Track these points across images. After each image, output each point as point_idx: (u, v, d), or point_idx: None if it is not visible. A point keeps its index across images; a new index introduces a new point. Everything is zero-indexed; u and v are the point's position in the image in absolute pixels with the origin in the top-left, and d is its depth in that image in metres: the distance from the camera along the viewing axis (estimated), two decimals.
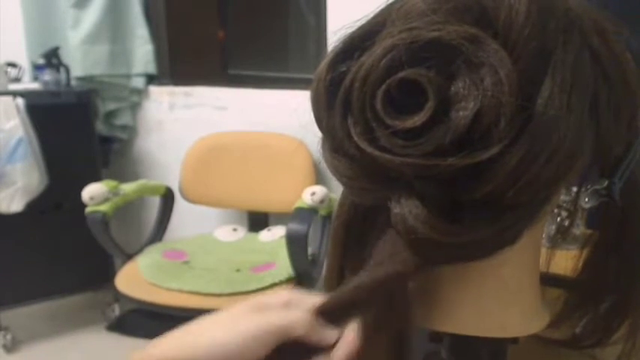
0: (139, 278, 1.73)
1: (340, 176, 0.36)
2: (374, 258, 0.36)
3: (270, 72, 2.26)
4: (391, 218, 0.34)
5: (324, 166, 0.38)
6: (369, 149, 0.33)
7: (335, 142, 0.35)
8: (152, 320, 2.21)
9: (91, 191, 1.77)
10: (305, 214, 1.64)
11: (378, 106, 0.32)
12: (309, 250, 1.66)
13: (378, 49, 0.33)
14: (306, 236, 1.59)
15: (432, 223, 0.32)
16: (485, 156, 0.31)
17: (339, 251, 0.45)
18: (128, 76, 2.36)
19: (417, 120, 0.31)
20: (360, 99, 0.33)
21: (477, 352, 0.43)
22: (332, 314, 0.37)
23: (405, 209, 0.33)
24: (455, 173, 0.31)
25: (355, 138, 0.33)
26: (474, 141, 0.31)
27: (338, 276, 0.45)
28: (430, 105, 0.31)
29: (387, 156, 0.32)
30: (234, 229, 2.10)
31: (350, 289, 0.36)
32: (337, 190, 0.44)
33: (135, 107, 2.42)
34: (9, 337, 2.14)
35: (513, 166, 0.31)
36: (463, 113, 0.31)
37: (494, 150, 0.31)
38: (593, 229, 0.45)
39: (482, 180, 0.32)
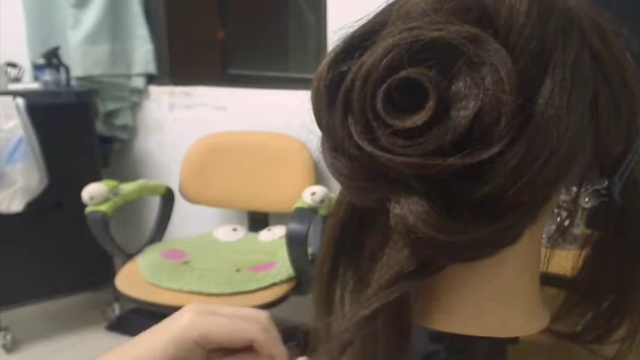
0: (139, 278, 1.74)
1: (339, 176, 0.36)
2: (377, 270, 0.37)
3: (270, 72, 2.26)
4: (391, 220, 0.34)
5: (324, 165, 0.38)
6: (370, 149, 0.33)
7: (335, 142, 0.35)
8: (152, 320, 2.20)
9: (91, 191, 1.77)
10: (305, 214, 1.64)
11: (379, 105, 0.32)
12: (309, 250, 1.66)
13: (378, 49, 0.33)
14: (306, 236, 1.59)
15: (433, 221, 0.32)
16: (485, 155, 0.31)
17: (332, 250, 0.45)
18: (128, 76, 2.36)
19: (417, 119, 0.31)
20: (361, 98, 0.33)
21: (477, 352, 0.43)
22: None
23: (405, 208, 0.33)
24: (455, 173, 0.31)
25: (355, 137, 0.33)
26: (475, 140, 0.31)
27: (329, 272, 0.45)
28: (431, 104, 0.31)
29: (388, 155, 0.32)
30: (234, 229, 2.10)
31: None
32: (337, 190, 0.44)
33: (135, 107, 2.42)
34: (9, 337, 2.15)
35: (513, 166, 0.31)
36: (464, 112, 0.31)
37: (494, 149, 0.31)
38: (593, 229, 0.45)
39: (483, 180, 0.32)
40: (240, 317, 0.43)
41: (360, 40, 0.35)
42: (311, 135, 0.38)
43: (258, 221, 2.15)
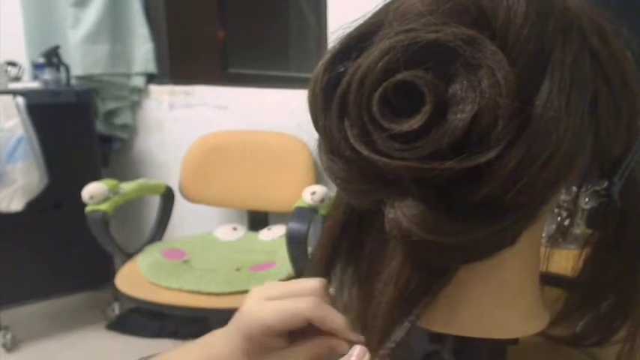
0: (138, 278, 1.74)
1: (336, 178, 0.36)
2: (380, 275, 0.37)
3: (270, 71, 2.26)
4: (385, 225, 0.34)
5: None
6: (366, 152, 0.32)
7: (331, 144, 0.35)
8: (152, 319, 2.22)
9: (91, 190, 1.77)
10: (305, 213, 1.63)
11: (375, 109, 0.32)
12: (309, 250, 1.65)
13: (375, 51, 0.32)
14: (306, 235, 1.59)
15: (428, 223, 0.32)
16: (483, 159, 0.31)
17: (329, 249, 0.45)
18: (128, 76, 2.36)
19: (413, 123, 0.31)
20: (357, 102, 0.33)
21: (477, 352, 0.43)
22: None
23: (399, 212, 0.33)
24: (452, 176, 0.31)
25: (352, 141, 0.33)
26: (472, 144, 0.31)
27: (325, 272, 0.45)
28: (427, 108, 0.31)
29: (384, 159, 0.32)
30: (234, 229, 2.10)
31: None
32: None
33: (135, 106, 2.42)
34: (9, 336, 2.15)
35: (512, 169, 0.31)
36: (461, 116, 0.31)
37: (492, 153, 0.31)
38: (593, 229, 0.45)
39: (481, 183, 0.31)
40: (293, 296, 0.43)
41: (357, 41, 0.35)
42: (311, 134, 0.38)
43: (258, 220, 2.14)
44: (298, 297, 0.42)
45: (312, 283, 0.44)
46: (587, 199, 0.41)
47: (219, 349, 0.43)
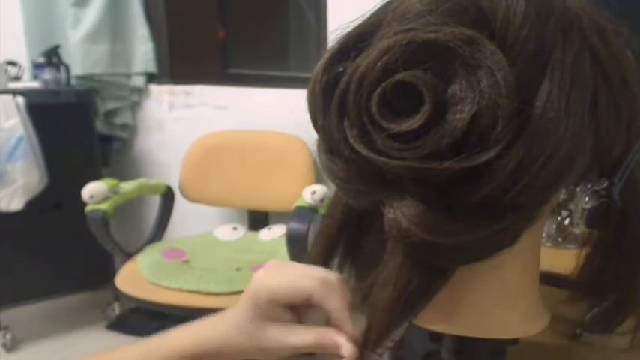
0: (139, 277, 1.74)
1: (335, 179, 0.36)
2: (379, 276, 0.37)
3: (270, 71, 2.26)
4: (385, 225, 0.34)
5: None
6: (365, 152, 0.32)
7: (331, 144, 0.35)
8: (152, 319, 2.21)
9: (91, 190, 1.77)
10: (305, 213, 1.64)
11: (374, 109, 0.32)
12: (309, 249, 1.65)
13: (374, 51, 0.32)
14: (306, 235, 1.59)
15: (427, 223, 0.32)
16: (482, 159, 0.31)
17: (325, 248, 0.45)
18: (128, 75, 2.36)
19: (412, 123, 0.31)
20: (356, 102, 0.33)
21: (477, 352, 0.43)
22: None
23: (398, 212, 0.33)
24: (452, 176, 0.31)
25: (351, 141, 0.33)
26: (471, 144, 0.31)
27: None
28: (426, 108, 0.31)
29: (384, 159, 0.32)
30: (234, 228, 2.10)
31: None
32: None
33: (135, 106, 2.42)
34: (9, 336, 2.15)
35: (511, 169, 0.31)
36: (460, 116, 0.31)
37: (491, 153, 0.31)
38: (593, 229, 0.45)
39: (480, 183, 0.31)
40: (305, 275, 0.42)
41: (356, 41, 0.35)
42: (311, 134, 0.38)
43: (258, 220, 2.15)
44: (309, 277, 0.42)
45: (329, 273, 0.43)
46: (587, 199, 0.41)
47: (228, 313, 0.44)
